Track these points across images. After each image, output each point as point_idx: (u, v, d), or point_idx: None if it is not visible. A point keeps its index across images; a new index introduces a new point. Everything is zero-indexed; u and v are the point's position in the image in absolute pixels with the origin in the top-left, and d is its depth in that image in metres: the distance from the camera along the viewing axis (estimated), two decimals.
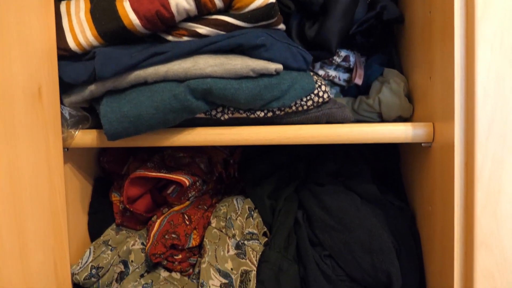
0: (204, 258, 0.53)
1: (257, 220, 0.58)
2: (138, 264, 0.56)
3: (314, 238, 0.55)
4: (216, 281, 0.52)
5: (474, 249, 0.40)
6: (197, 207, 0.59)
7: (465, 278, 0.41)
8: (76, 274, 0.56)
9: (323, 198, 0.56)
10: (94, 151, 0.65)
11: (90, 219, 0.61)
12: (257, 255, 0.54)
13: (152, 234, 0.55)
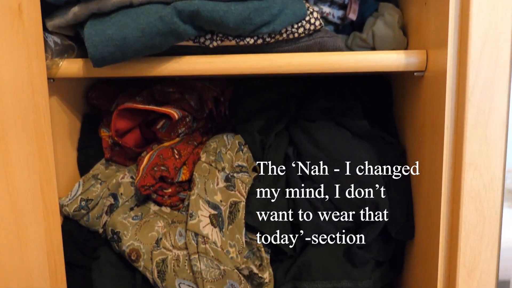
0: (193, 190, 0.53)
1: (247, 154, 0.58)
2: (128, 197, 0.56)
3: (304, 173, 0.55)
4: (205, 211, 0.52)
5: (462, 170, 0.40)
6: (187, 143, 0.59)
7: (452, 200, 0.41)
8: (65, 206, 0.56)
9: (313, 133, 0.55)
10: (82, 87, 0.64)
11: (79, 155, 0.61)
12: (246, 187, 0.54)
13: (141, 168, 0.55)
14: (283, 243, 0.53)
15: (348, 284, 0.52)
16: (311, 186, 0.53)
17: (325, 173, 0.53)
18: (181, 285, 0.50)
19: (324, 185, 0.53)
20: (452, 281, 0.41)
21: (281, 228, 0.53)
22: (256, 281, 0.52)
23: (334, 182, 0.52)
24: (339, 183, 0.52)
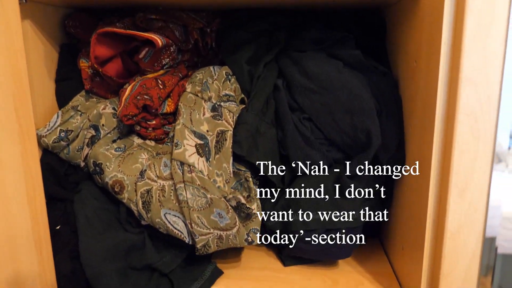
0: (178, 121, 0.51)
1: (235, 85, 0.55)
2: (110, 129, 0.54)
3: (293, 103, 0.53)
4: (191, 141, 0.50)
5: (458, 87, 0.38)
6: (172, 75, 0.56)
7: (446, 119, 0.40)
8: (43, 137, 0.53)
9: (303, 63, 0.53)
10: (59, 15, 0.59)
11: (57, 87, 0.58)
12: (234, 117, 0.52)
13: (123, 98, 0.52)
14: (271, 174, 0.51)
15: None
16: (300, 115, 0.52)
17: (315, 103, 0.51)
18: (167, 216, 0.49)
19: (315, 115, 0.51)
20: (443, 202, 0.41)
21: (268, 158, 0.51)
22: (244, 212, 0.51)
23: (325, 111, 0.51)
24: (330, 112, 0.50)
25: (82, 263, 0.47)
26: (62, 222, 0.52)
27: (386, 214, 0.56)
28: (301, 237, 0.52)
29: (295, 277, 0.53)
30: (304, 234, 0.51)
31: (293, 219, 0.51)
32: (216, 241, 0.49)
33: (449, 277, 0.41)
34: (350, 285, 0.52)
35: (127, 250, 0.50)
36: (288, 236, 0.53)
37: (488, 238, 0.42)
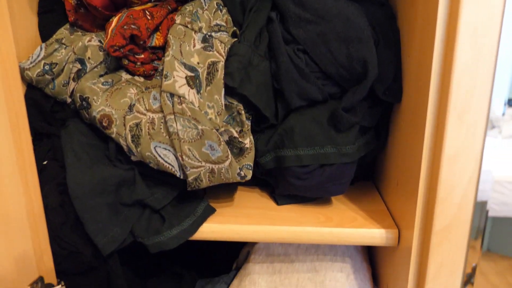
0: (167, 52, 0.49)
1: (226, 16, 0.53)
2: (96, 63, 0.52)
3: (287, 36, 0.51)
4: (181, 73, 0.48)
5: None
6: (161, 7, 0.53)
7: (447, 38, 0.38)
8: (27, 70, 0.51)
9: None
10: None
11: (40, 20, 0.55)
12: (226, 47, 0.49)
13: (110, 30, 0.50)
14: (264, 108, 0.50)
15: (331, 149, 0.50)
16: (295, 47, 0.50)
17: (310, 33, 0.49)
18: (157, 149, 0.48)
19: (310, 46, 0.49)
20: (441, 127, 0.39)
21: (261, 92, 0.50)
22: (237, 147, 0.50)
23: (320, 41, 0.49)
24: (325, 42, 0.48)
25: (71, 196, 0.46)
26: (49, 158, 0.50)
27: (381, 149, 0.55)
28: (295, 173, 0.51)
29: (289, 215, 0.53)
30: (298, 170, 0.50)
31: (286, 155, 0.50)
32: (208, 175, 0.48)
33: (445, 204, 0.41)
34: (344, 221, 0.51)
35: (117, 185, 0.49)
36: (282, 172, 0.52)
37: (479, 202, 0.41)
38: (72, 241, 0.47)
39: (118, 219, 0.48)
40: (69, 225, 0.47)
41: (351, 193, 0.59)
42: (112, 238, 0.47)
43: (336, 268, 0.57)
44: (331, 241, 0.50)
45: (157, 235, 0.48)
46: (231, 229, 0.50)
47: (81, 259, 0.47)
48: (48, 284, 0.47)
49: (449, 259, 0.42)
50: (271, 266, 0.59)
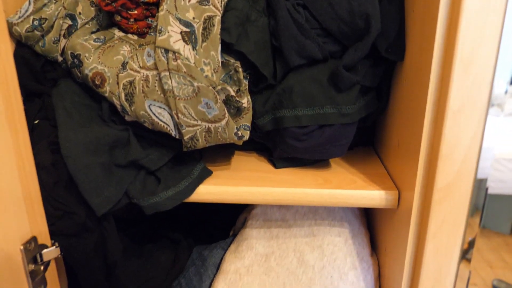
0: (161, 7, 0.47)
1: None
2: (87, 19, 0.50)
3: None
4: (176, 28, 0.46)
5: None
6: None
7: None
8: (15, 25, 0.49)
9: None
10: None
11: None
12: (222, 2, 0.47)
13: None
14: (262, 65, 0.48)
15: (331, 109, 0.48)
16: (294, 1, 0.48)
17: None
18: (152, 107, 0.46)
19: (310, 0, 0.47)
20: (446, 80, 0.38)
21: (259, 49, 0.48)
22: (234, 107, 0.48)
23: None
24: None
25: (63, 154, 0.45)
26: (40, 117, 0.49)
27: (382, 112, 0.53)
28: (294, 134, 0.49)
29: (287, 177, 0.52)
30: (296, 131, 0.49)
31: (285, 115, 0.49)
32: (204, 135, 0.47)
33: (448, 161, 0.40)
34: (343, 183, 0.50)
35: (111, 145, 0.48)
36: (280, 133, 0.51)
37: (478, 180, 0.41)
38: (66, 201, 0.46)
39: (113, 180, 0.47)
40: (62, 185, 0.46)
41: (351, 157, 0.58)
42: (106, 199, 0.46)
43: (334, 233, 0.57)
44: (330, 202, 0.49)
45: (152, 196, 0.47)
46: (227, 191, 0.49)
47: (75, 220, 0.46)
48: (42, 245, 0.46)
49: (450, 217, 0.41)
50: (268, 231, 0.58)
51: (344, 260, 0.55)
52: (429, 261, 0.43)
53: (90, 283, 0.51)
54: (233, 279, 0.56)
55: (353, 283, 0.54)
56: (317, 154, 0.51)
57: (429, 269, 0.44)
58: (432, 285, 0.44)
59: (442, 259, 0.43)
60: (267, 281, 0.55)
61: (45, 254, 0.46)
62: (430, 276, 0.44)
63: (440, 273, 0.44)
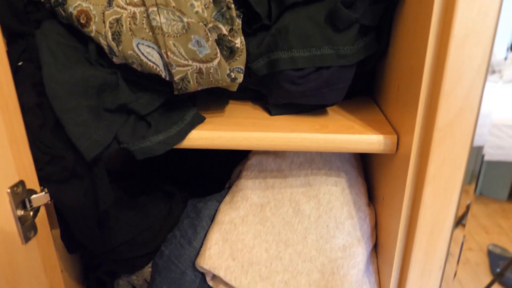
0: None
1: None
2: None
3: None
4: None
5: None
6: None
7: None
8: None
9: None
10: None
11: None
12: None
13: None
14: (255, 2, 0.46)
15: (329, 51, 0.46)
16: None
17: None
18: (140, 46, 0.44)
19: None
20: (451, 9, 0.36)
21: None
22: (227, 47, 0.46)
23: None
24: None
25: (48, 95, 0.43)
26: (24, 59, 0.47)
27: (381, 55, 0.51)
28: (289, 77, 0.47)
29: (282, 123, 0.50)
30: (292, 73, 0.47)
31: (280, 57, 0.47)
32: (196, 76, 0.45)
33: (450, 97, 0.38)
34: (340, 129, 0.49)
35: (99, 88, 0.46)
36: (275, 77, 0.49)
37: (475, 147, 0.40)
38: (53, 145, 0.44)
39: (101, 124, 0.45)
40: (48, 128, 0.44)
41: (348, 105, 0.56)
42: (95, 142, 0.44)
43: (331, 182, 0.55)
44: (327, 148, 0.47)
45: (143, 140, 0.46)
46: (221, 136, 0.48)
47: (64, 165, 0.45)
48: (30, 190, 0.44)
49: (451, 158, 0.40)
50: (264, 182, 0.57)
51: (341, 210, 0.54)
52: (427, 205, 0.42)
53: (82, 232, 0.51)
54: (228, 229, 0.55)
55: (349, 232, 0.54)
56: (313, 99, 0.49)
57: (427, 214, 0.43)
58: (430, 230, 0.44)
59: (440, 202, 0.42)
60: (262, 231, 0.55)
61: (34, 199, 0.45)
62: (427, 222, 0.43)
63: (438, 217, 0.43)
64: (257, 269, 0.53)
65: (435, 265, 0.45)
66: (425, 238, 0.43)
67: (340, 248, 0.53)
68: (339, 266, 0.52)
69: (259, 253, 0.53)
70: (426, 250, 0.44)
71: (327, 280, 0.52)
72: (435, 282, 0.46)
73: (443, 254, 0.44)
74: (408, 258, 0.46)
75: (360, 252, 0.53)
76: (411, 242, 0.45)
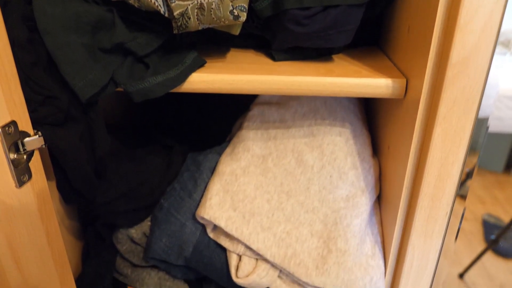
0: None
1: None
2: None
3: None
4: None
5: None
6: None
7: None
8: None
9: None
10: None
11: None
12: None
13: None
14: None
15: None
16: None
17: None
18: None
19: None
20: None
21: None
22: None
23: None
24: None
25: (40, 30, 0.40)
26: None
27: None
28: (295, 17, 0.45)
29: (287, 68, 0.48)
30: (298, 13, 0.45)
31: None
32: (197, 12, 0.42)
33: (465, 31, 0.36)
34: (347, 73, 0.47)
35: (93, 25, 0.43)
36: (280, 19, 0.46)
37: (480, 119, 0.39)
38: (46, 84, 0.42)
39: (97, 64, 0.43)
40: (41, 66, 0.42)
41: (355, 53, 0.54)
42: (91, 82, 0.42)
43: (335, 132, 0.54)
44: (333, 92, 0.45)
45: (141, 81, 0.44)
46: (223, 79, 0.46)
47: (58, 106, 0.43)
48: (23, 132, 0.43)
49: (463, 97, 0.38)
50: (266, 133, 0.56)
51: (345, 160, 0.53)
52: (436, 147, 0.41)
53: (78, 179, 0.49)
54: (229, 180, 0.54)
55: (353, 183, 0.53)
56: (320, 41, 0.47)
57: (436, 156, 0.41)
58: (438, 173, 0.42)
59: (450, 144, 0.41)
60: (264, 182, 0.54)
61: (27, 142, 0.43)
62: (435, 165, 0.42)
63: (446, 160, 0.41)
64: (259, 220, 0.52)
65: (442, 211, 0.44)
66: (432, 182, 0.42)
67: (344, 198, 0.52)
68: (342, 216, 0.51)
69: (260, 204, 0.52)
70: (433, 195, 0.43)
71: (329, 231, 0.51)
72: (440, 229, 0.45)
73: (450, 199, 0.43)
74: (413, 205, 0.45)
75: (363, 203, 0.52)
76: (418, 188, 0.44)
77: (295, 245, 0.51)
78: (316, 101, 0.56)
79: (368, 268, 0.50)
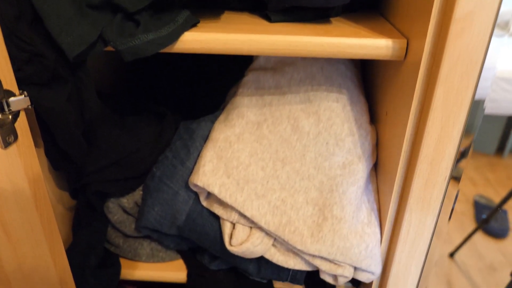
0: None
1: None
2: None
3: None
4: None
5: None
6: None
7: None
8: None
9: None
10: None
11: None
12: None
13: None
14: None
15: None
16: None
17: None
18: None
19: None
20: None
21: None
22: None
23: None
24: None
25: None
26: None
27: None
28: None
29: (283, 29, 0.46)
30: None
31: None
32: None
33: None
34: (345, 34, 0.45)
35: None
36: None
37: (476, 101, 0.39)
38: (32, 40, 0.40)
39: (85, 20, 0.41)
40: (26, 21, 0.40)
41: (353, 16, 0.53)
42: (79, 38, 0.40)
43: (332, 98, 0.53)
44: (332, 52, 0.44)
45: (130, 39, 0.42)
46: (217, 39, 0.44)
47: (44, 64, 0.41)
48: (8, 91, 0.41)
49: (466, 54, 0.37)
50: (261, 99, 0.54)
51: (341, 126, 0.52)
52: (437, 108, 0.40)
53: (66, 143, 0.47)
54: (223, 146, 0.52)
55: (349, 149, 0.51)
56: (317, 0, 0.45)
57: (436, 118, 0.40)
58: (438, 136, 0.41)
59: (451, 105, 0.39)
60: (258, 149, 0.52)
61: (12, 102, 0.41)
62: (436, 127, 0.41)
63: (448, 121, 0.40)
64: (253, 187, 0.51)
65: (440, 176, 0.43)
66: (432, 145, 0.41)
67: (340, 165, 0.51)
68: (338, 183, 0.50)
69: (255, 171, 0.51)
70: (432, 158, 0.42)
71: (325, 198, 0.50)
72: (439, 195, 0.44)
73: (450, 163, 0.42)
74: (411, 170, 0.44)
75: (360, 170, 0.51)
76: (416, 153, 0.43)
77: (290, 213, 0.50)
78: (312, 67, 0.55)
79: (363, 235, 0.49)
